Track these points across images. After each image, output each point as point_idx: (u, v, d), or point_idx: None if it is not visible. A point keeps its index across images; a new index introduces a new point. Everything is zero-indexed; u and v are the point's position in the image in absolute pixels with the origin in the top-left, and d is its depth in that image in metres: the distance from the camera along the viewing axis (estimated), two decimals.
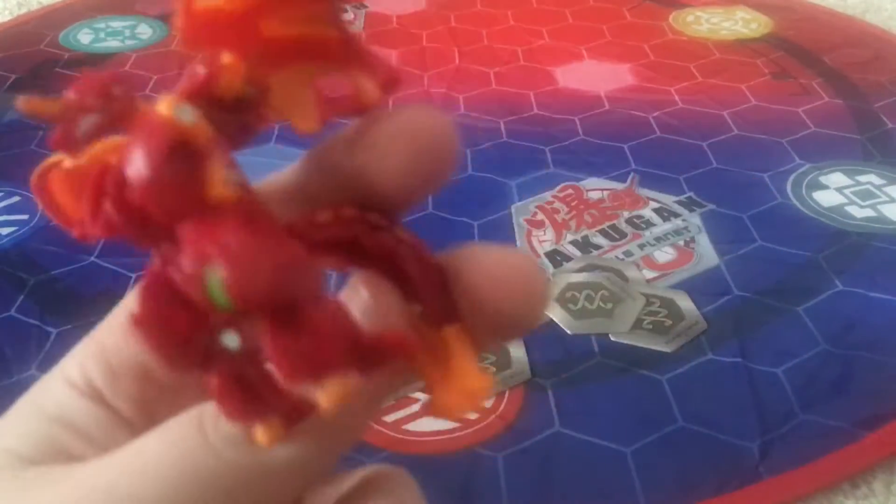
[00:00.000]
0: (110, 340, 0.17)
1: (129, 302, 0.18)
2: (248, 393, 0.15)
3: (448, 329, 0.17)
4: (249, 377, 0.15)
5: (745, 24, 1.20)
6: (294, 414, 0.15)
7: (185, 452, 0.15)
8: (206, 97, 0.15)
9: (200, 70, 0.15)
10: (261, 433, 0.15)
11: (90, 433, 0.17)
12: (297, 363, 0.14)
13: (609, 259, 0.75)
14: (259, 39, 0.15)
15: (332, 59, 0.16)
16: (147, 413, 0.17)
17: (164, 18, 1.22)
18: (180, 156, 0.14)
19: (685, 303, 0.70)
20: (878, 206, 0.82)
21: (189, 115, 0.14)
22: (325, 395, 0.14)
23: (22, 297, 0.71)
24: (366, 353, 0.15)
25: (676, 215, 0.81)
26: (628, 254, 0.76)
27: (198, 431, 0.15)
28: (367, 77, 0.16)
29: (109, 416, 0.17)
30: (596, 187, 0.85)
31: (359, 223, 0.16)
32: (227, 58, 0.15)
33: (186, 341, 0.14)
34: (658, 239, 0.78)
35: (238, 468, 0.15)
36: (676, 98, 1.01)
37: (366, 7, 1.27)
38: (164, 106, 0.14)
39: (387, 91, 0.16)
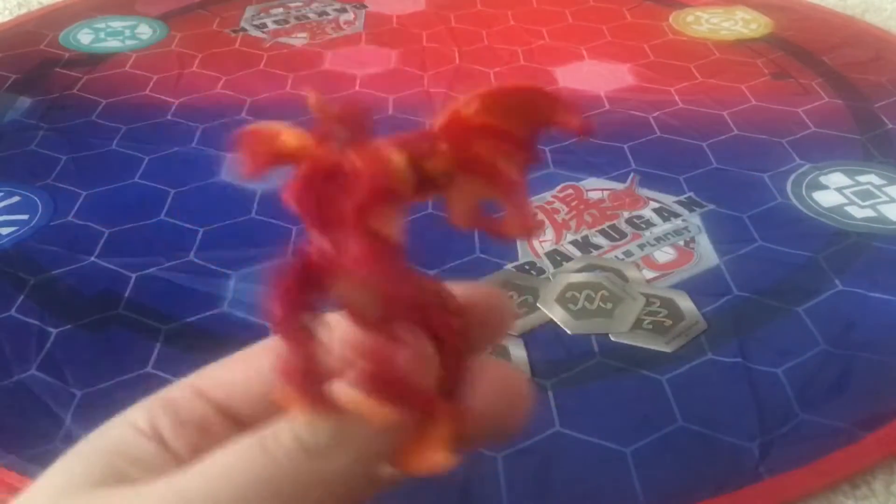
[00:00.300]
0: (183, 397, 0.21)
1: (205, 369, 0.22)
2: (391, 382, 0.19)
3: (444, 400, 0.20)
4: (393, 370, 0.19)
5: (745, 24, 1.20)
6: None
7: (251, 463, 0.18)
8: (416, 159, 0.19)
9: (425, 143, 0.19)
10: (388, 412, 0.19)
11: (148, 461, 0.20)
12: (374, 383, 0.18)
13: (609, 259, 0.75)
14: (468, 146, 0.19)
15: (497, 188, 0.20)
16: (197, 455, 0.20)
17: (165, 18, 1.22)
18: (384, 190, 0.18)
19: (685, 303, 0.70)
20: (878, 207, 0.82)
21: (405, 168, 0.18)
22: (376, 416, 0.18)
23: (22, 297, 0.71)
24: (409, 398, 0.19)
25: (676, 215, 0.81)
26: (628, 254, 0.76)
27: (260, 447, 0.19)
28: (515, 214, 0.20)
29: (166, 454, 0.20)
30: (596, 187, 0.85)
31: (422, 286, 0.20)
32: (444, 146, 0.19)
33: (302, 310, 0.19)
34: (658, 239, 0.78)
35: (296, 474, 0.18)
36: (676, 98, 1.01)
37: (366, 7, 1.27)
38: (390, 152, 0.18)
39: (526, 234, 0.20)
